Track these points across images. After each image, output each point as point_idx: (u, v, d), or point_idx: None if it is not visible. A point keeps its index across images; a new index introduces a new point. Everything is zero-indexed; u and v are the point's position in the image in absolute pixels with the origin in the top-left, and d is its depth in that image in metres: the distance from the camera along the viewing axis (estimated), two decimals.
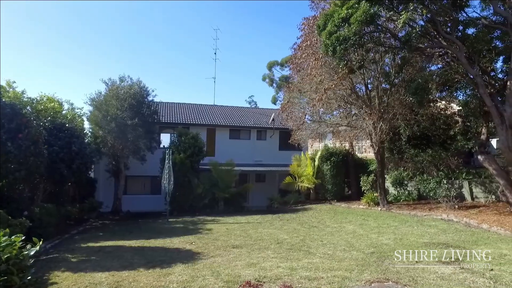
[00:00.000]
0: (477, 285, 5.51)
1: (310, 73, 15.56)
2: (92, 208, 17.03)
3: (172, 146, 19.29)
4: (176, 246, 9.87)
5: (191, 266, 7.44)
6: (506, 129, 12.54)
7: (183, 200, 18.27)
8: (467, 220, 12.01)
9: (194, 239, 10.91)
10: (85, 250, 9.76)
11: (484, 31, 14.05)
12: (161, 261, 8.00)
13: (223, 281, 6.29)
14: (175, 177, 16.89)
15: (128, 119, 17.28)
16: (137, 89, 18.77)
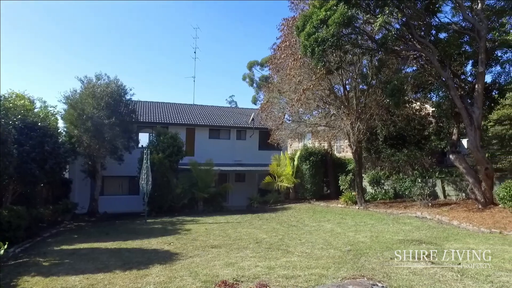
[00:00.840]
0: (446, 278, 5.73)
1: (289, 73, 15.71)
2: (67, 209, 16.52)
3: (150, 145, 19.00)
4: (154, 247, 9.74)
5: (168, 267, 7.37)
6: (475, 130, 13.09)
7: (162, 200, 18.02)
8: (439, 217, 12.45)
9: (172, 239, 10.80)
10: (58, 253, 9.47)
11: (454, 36, 14.61)
12: (138, 262, 7.88)
13: (200, 281, 6.27)
14: (154, 177, 16.64)
15: (105, 118, 16.86)
16: (115, 87, 18.34)
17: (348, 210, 15.80)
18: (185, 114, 25.82)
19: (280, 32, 16.89)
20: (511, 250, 7.68)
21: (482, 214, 12.06)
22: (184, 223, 14.68)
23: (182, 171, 19.84)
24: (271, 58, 18.99)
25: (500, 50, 14.78)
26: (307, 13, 13.23)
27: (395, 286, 5.45)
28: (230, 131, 25.24)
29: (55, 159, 13.99)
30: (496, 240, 8.93)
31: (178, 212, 18.13)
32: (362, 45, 14.35)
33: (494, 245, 8.25)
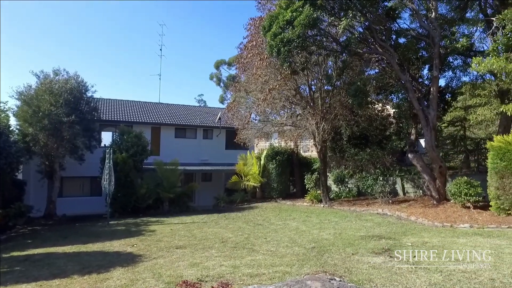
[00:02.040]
0: (402, 271, 6.02)
1: (256, 73, 15.79)
2: (20, 213, 15.45)
3: (113, 145, 18.35)
4: (116, 250, 9.42)
5: (131, 269, 7.16)
6: (430, 130, 13.86)
7: (125, 201, 17.45)
8: (398, 214, 13.04)
9: (136, 241, 10.50)
10: (8, 260, 8.85)
11: (412, 41, 15.39)
12: (99, 266, 7.58)
13: (164, 282, 6.15)
14: (117, 177, 16.10)
15: (64, 115, 16.02)
16: (74, 83, 17.48)
17: (314, 208, 16.14)
18: (151, 112, 25.20)
19: (247, 31, 16.97)
20: (459, 241, 8.22)
21: (436, 210, 12.79)
22: (149, 224, 14.33)
23: (147, 171, 19.35)
24: (238, 57, 18.98)
25: (451, 57, 15.77)
26: (274, 14, 13.35)
27: (356, 280, 5.65)
28: (196, 130, 24.95)
29: (5, 159, 13.13)
30: (447, 233, 9.52)
31: (143, 213, 17.66)
32: (327, 47, 14.71)
33: (445, 237, 8.79)
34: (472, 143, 21.06)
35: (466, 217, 11.34)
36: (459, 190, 12.50)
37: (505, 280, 5.30)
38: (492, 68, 11.70)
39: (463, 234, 9.23)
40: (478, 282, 5.26)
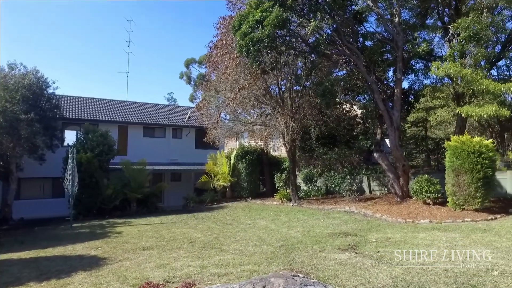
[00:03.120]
0: (366, 266, 6.23)
1: (225, 72, 15.72)
2: None
3: (77, 144, 17.64)
4: (79, 253, 9.05)
5: (94, 273, 6.91)
6: (395, 130, 14.43)
7: (90, 202, 16.82)
8: (365, 211, 13.45)
9: (101, 243, 10.15)
10: None
11: (378, 45, 15.96)
12: (59, 271, 7.25)
13: (129, 285, 5.99)
14: (81, 177, 15.49)
15: (22, 113, 15.14)
16: (33, 79, 16.56)
17: (283, 207, 16.31)
18: (118, 111, 24.42)
19: (217, 30, 16.86)
20: (419, 236, 8.61)
21: (400, 207, 13.33)
22: (115, 225, 13.90)
23: (113, 171, 18.75)
24: (207, 56, 18.82)
25: (414, 60, 16.53)
26: (244, 13, 13.36)
27: (322, 276, 5.77)
28: (165, 129, 24.48)
29: None
30: (409, 228, 9.94)
31: (109, 214, 17.09)
32: (296, 47, 14.91)
33: (407, 233, 9.18)
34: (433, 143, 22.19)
35: (426, 213, 11.90)
36: (420, 187, 13.10)
37: (456, 270, 5.63)
38: (449, 72, 12.38)
39: (423, 229, 9.67)
40: (434, 273, 5.54)
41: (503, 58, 14.92)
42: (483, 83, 12.05)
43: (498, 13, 14.05)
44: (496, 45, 14.78)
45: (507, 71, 16.79)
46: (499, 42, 14.80)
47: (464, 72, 12.27)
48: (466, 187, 11.40)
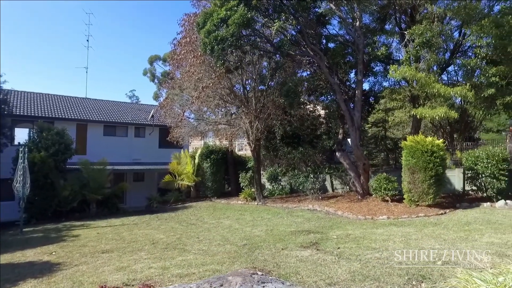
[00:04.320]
0: (326, 262, 6.40)
1: (189, 70, 15.49)
2: None
3: (30, 143, 16.57)
4: (30, 259, 8.53)
5: (46, 280, 6.54)
6: (356, 130, 14.95)
7: (44, 205, 15.89)
8: (327, 209, 13.81)
9: (55, 248, 9.63)
10: None
11: (341, 47, 16.46)
12: (4, 280, 6.76)
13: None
14: (34, 178, 14.62)
15: None
16: None
17: (248, 206, 16.36)
18: (76, 108, 23.25)
19: (181, 27, 16.55)
20: (377, 232, 9.00)
21: (360, 204, 13.83)
22: (72, 228, 13.26)
23: (71, 172, 17.87)
24: (171, 53, 18.44)
25: (374, 63, 17.22)
26: (208, 11, 13.23)
27: (283, 273, 5.85)
28: (127, 128, 23.67)
29: None
30: (368, 225, 10.35)
31: (66, 217, 16.27)
32: (261, 47, 15.01)
33: (366, 229, 9.55)
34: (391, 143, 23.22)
35: (384, 210, 12.45)
36: (379, 185, 13.68)
37: (409, 262, 5.95)
38: (405, 75, 13.04)
39: (381, 225, 10.11)
40: (389, 266, 5.81)
41: (452, 64, 15.97)
42: (435, 86, 12.81)
43: (447, 23, 15.01)
44: (446, 52, 15.77)
45: (455, 76, 17.98)
46: (448, 49, 15.80)
47: (418, 76, 12.98)
48: (420, 184, 12.05)
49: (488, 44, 13.26)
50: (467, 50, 15.87)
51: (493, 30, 12.57)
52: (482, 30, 12.70)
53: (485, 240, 7.46)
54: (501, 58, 13.63)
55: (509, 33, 12.51)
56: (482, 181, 12.90)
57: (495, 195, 12.49)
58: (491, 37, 12.98)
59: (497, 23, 12.68)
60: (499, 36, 12.63)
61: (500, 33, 12.59)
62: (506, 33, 12.54)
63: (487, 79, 13.45)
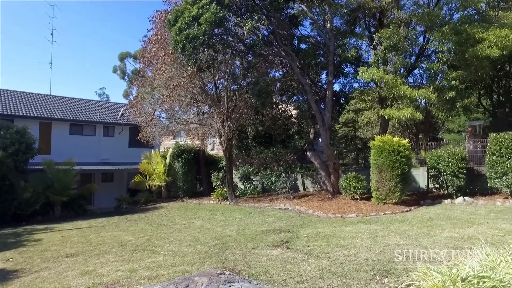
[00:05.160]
0: (296, 260, 6.49)
1: (160, 69, 15.21)
2: None
3: None
4: None
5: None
6: (326, 130, 15.26)
7: (3, 208, 15.01)
8: (298, 208, 13.98)
9: (13, 254, 9.13)
10: None
11: (312, 48, 16.74)
12: None
13: None
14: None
15: None
16: None
17: (219, 206, 16.29)
18: (39, 105, 22.14)
19: (152, 24, 16.21)
20: (346, 229, 9.23)
21: (330, 203, 14.13)
22: (34, 232, 12.63)
23: (34, 172, 17.03)
24: (142, 51, 18.01)
25: (344, 65, 17.65)
26: (180, 8, 13.04)
27: (253, 273, 5.87)
28: (96, 126, 22.85)
29: None
30: (338, 223, 10.59)
31: (27, 220, 15.45)
32: (233, 46, 14.99)
33: (336, 227, 9.78)
34: (361, 142, 23.95)
35: (353, 208, 12.79)
36: (349, 184, 14.03)
37: (375, 258, 6.15)
38: (374, 77, 13.48)
39: (350, 223, 10.37)
40: (356, 263, 5.98)
41: (417, 68, 16.68)
42: (402, 88, 13.32)
43: (413, 28, 15.66)
44: (411, 56, 16.45)
45: (420, 79, 18.79)
46: (413, 53, 16.50)
47: (386, 78, 13.45)
48: (387, 183, 12.49)
49: (449, 49, 13.95)
50: (430, 55, 16.62)
51: (452, 37, 13.24)
52: (443, 36, 13.34)
53: (445, 235, 7.84)
54: (461, 63, 14.39)
55: (467, 40, 13.22)
56: (443, 179, 13.55)
57: (455, 192, 13.18)
58: (451, 43, 13.67)
59: (456, 31, 13.37)
60: (458, 42, 13.33)
61: (459, 40, 13.28)
62: (464, 40, 13.24)
63: (448, 82, 14.14)
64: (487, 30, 13.18)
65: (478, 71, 14.68)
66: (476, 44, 13.09)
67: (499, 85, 20.95)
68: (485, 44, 12.88)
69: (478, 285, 2.72)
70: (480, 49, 12.83)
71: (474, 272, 2.89)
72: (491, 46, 12.77)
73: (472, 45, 13.14)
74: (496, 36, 12.79)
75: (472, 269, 2.99)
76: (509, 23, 13.75)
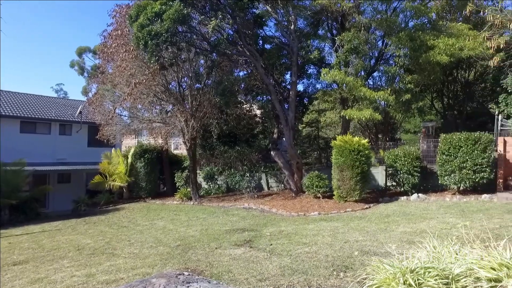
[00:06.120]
0: (258, 259, 6.54)
1: (121, 65, 14.67)
2: None
3: None
4: None
5: None
6: (289, 130, 15.52)
7: None
8: (262, 207, 14.10)
9: None
10: None
11: (276, 48, 16.96)
12: None
13: None
14: None
15: None
16: None
17: (183, 206, 16.04)
18: None
19: (112, 19, 15.60)
20: (308, 227, 9.45)
21: (294, 201, 14.38)
22: None
23: None
24: (102, 46, 17.28)
25: (308, 66, 18.04)
26: (142, 4, 12.67)
27: (215, 272, 5.85)
28: (51, 124, 21.65)
29: None
30: (301, 221, 10.81)
31: None
32: (198, 45, 14.81)
33: (299, 225, 9.97)
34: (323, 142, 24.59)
35: (316, 206, 13.10)
36: (311, 183, 14.36)
37: (335, 255, 6.35)
38: (336, 79, 13.90)
39: (313, 221, 10.63)
40: (317, 260, 6.14)
41: (376, 70, 17.42)
42: (362, 90, 13.86)
43: (372, 33, 16.35)
44: (371, 59, 17.16)
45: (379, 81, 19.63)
46: (373, 57, 17.22)
47: (347, 80, 13.92)
48: (348, 181, 12.95)
49: (405, 54, 14.72)
50: (389, 59, 17.41)
51: (408, 42, 14.00)
52: (399, 41, 14.06)
53: (400, 230, 8.27)
54: (415, 68, 15.25)
55: (420, 46, 14.06)
56: (400, 177, 14.27)
57: (410, 189, 13.93)
58: (407, 49, 14.44)
59: (411, 37, 14.16)
60: (413, 48, 14.13)
61: (413, 46, 14.07)
62: (418, 46, 14.07)
63: (405, 85, 14.94)
64: (437, 38, 14.08)
65: (430, 75, 15.63)
66: (428, 51, 13.93)
67: (449, 89, 22.45)
68: (436, 51, 13.75)
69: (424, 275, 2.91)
70: (432, 55, 13.68)
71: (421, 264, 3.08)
72: (441, 53, 13.65)
73: (425, 51, 13.97)
74: (445, 44, 13.71)
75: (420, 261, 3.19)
76: (455, 32, 14.79)
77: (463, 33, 14.65)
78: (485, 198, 12.07)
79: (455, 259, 3.14)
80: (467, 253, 3.26)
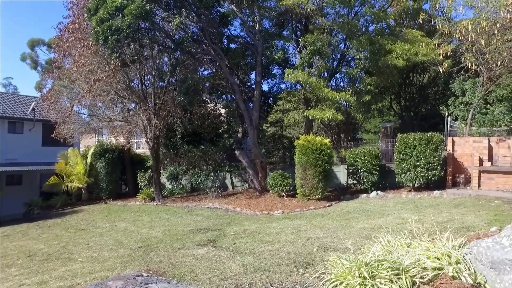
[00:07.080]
0: (222, 258, 6.53)
1: (79, 61, 13.98)
2: None
3: None
4: None
5: None
6: (254, 129, 15.62)
7: None
8: (227, 206, 14.06)
9: None
10: None
11: (241, 48, 17.00)
12: None
13: None
14: None
15: None
16: None
17: (146, 207, 15.63)
18: None
19: (68, 11, 14.83)
20: (272, 226, 9.56)
21: (258, 200, 14.48)
22: None
23: None
24: (57, 39, 16.34)
25: (272, 66, 18.26)
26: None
27: (178, 273, 5.76)
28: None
29: None
30: (264, 220, 10.91)
31: None
32: (161, 42, 14.48)
33: (262, 224, 10.06)
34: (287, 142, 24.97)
35: (280, 205, 13.27)
36: (275, 182, 14.53)
37: (297, 252, 6.49)
38: (299, 79, 14.18)
39: (276, 219, 10.76)
40: (279, 257, 6.23)
41: (338, 72, 18.02)
42: (324, 91, 14.24)
43: (335, 35, 16.87)
44: (334, 61, 17.70)
45: (341, 82, 20.36)
46: (336, 59, 17.78)
47: (310, 80, 14.25)
48: (311, 180, 13.24)
49: (365, 57, 15.34)
50: (350, 61, 18.05)
51: (368, 46, 14.60)
52: (360, 45, 14.63)
53: (359, 226, 8.60)
54: (375, 70, 15.94)
55: (379, 50, 14.71)
56: (360, 175, 14.83)
57: (370, 187, 14.51)
58: (367, 52, 15.04)
59: (371, 41, 14.78)
60: (372, 51, 14.74)
61: (373, 49, 14.70)
62: (377, 50, 14.71)
63: (365, 87, 15.56)
64: (395, 43, 14.81)
65: (389, 78, 16.40)
66: (387, 54, 14.61)
67: (406, 92, 23.68)
68: (393, 55, 14.45)
69: (377, 268, 3.07)
70: (390, 59, 14.36)
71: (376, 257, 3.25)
72: (398, 57, 14.37)
73: (384, 55, 14.63)
74: (402, 49, 14.46)
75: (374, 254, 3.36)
76: (411, 38, 15.64)
77: (417, 39, 15.52)
78: (436, 194, 12.86)
79: (406, 251, 3.34)
80: (417, 245, 3.47)
